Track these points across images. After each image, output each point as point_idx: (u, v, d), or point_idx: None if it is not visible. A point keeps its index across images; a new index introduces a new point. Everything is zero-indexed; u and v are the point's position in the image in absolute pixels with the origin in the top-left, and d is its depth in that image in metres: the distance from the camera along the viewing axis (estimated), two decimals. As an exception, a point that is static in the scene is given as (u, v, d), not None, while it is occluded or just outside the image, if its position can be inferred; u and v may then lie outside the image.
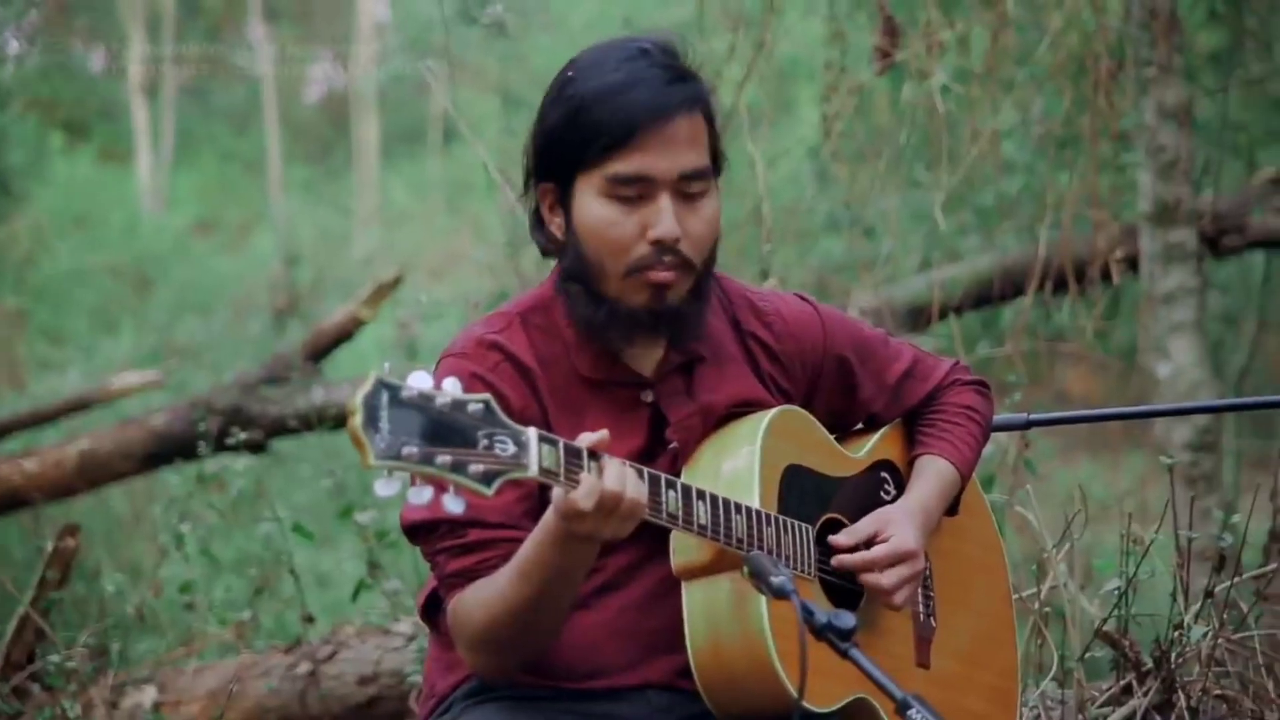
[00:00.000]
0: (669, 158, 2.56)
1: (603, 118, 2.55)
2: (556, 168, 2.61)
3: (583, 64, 2.61)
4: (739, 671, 2.55)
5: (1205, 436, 7.27)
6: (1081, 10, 6.86)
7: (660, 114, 2.55)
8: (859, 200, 8.12)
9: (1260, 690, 3.77)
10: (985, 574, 2.96)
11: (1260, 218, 8.15)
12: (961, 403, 2.91)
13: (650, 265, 2.58)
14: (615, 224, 2.57)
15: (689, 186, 2.59)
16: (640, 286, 2.60)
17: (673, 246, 2.58)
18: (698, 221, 2.60)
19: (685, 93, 2.58)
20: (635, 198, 2.57)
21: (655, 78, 2.57)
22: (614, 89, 2.55)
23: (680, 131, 2.57)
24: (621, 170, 2.56)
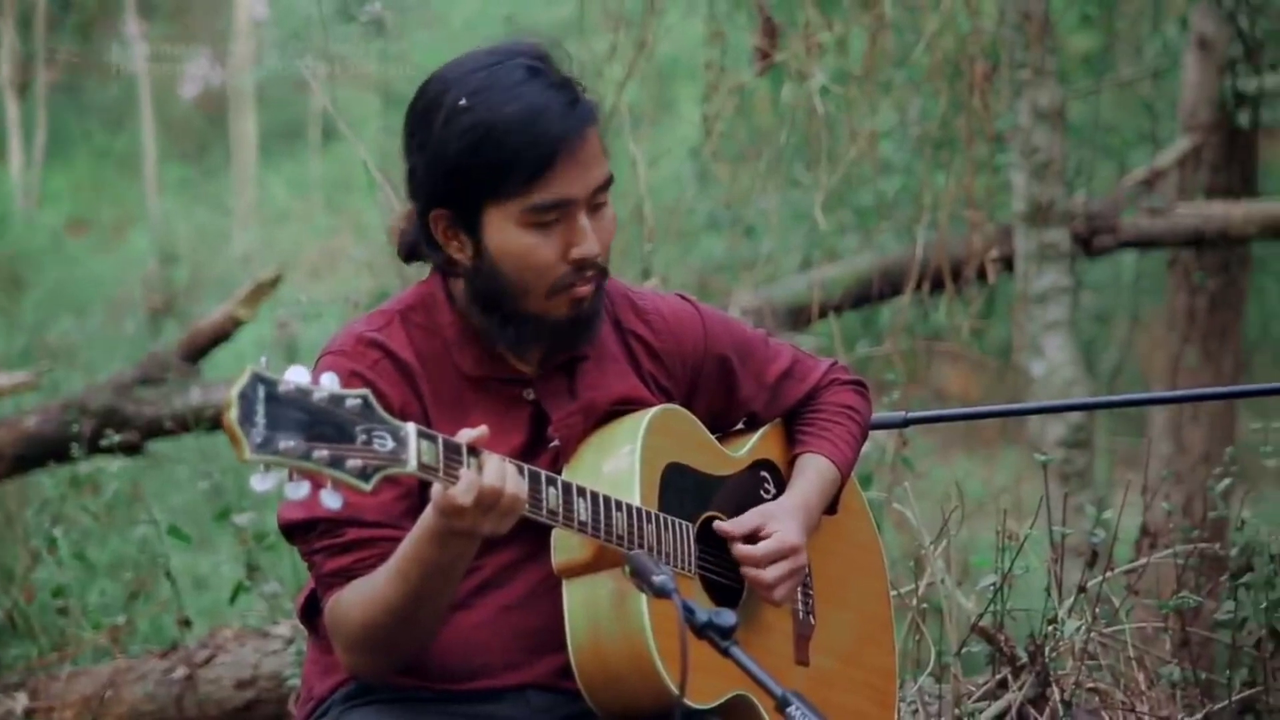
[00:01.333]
0: (584, 178, 2.56)
1: (518, 151, 2.52)
2: (458, 199, 2.58)
3: (472, 89, 2.55)
4: (620, 670, 2.55)
5: (1078, 434, 7.39)
6: (957, 13, 6.94)
7: (573, 138, 2.54)
8: (739, 200, 8.16)
9: (1131, 683, 3.84)
10: (863, 572, 2.99)
11: (1131, 218, 8.29)
12: (840, 402, 2.93)
13: (573, 283, 2.59)
14: (537, 249, 2.57)
15: (599, 198, 2.60)
16: (563, 302, 2.61)
17: (594, 261, 2.59)
18: (606, 228, 2.62)
19: (586, 110, 2.58)
20: (554, 221, 2.57)
21: (557, 101, 2.55)
22: (522, 120, 2.52)
23: (590, 150, 2.57)
24: (543, 200, 2.55)
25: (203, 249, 20.15)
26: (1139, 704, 3.80)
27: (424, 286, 2.69)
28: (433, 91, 2.59)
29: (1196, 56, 8.97)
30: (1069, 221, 7.62)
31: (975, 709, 3.80)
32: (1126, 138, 10.73)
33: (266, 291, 7.72)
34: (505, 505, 2.41)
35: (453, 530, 2.42)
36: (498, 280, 2.59)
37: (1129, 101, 11.11)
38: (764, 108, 8.57)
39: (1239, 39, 8.54)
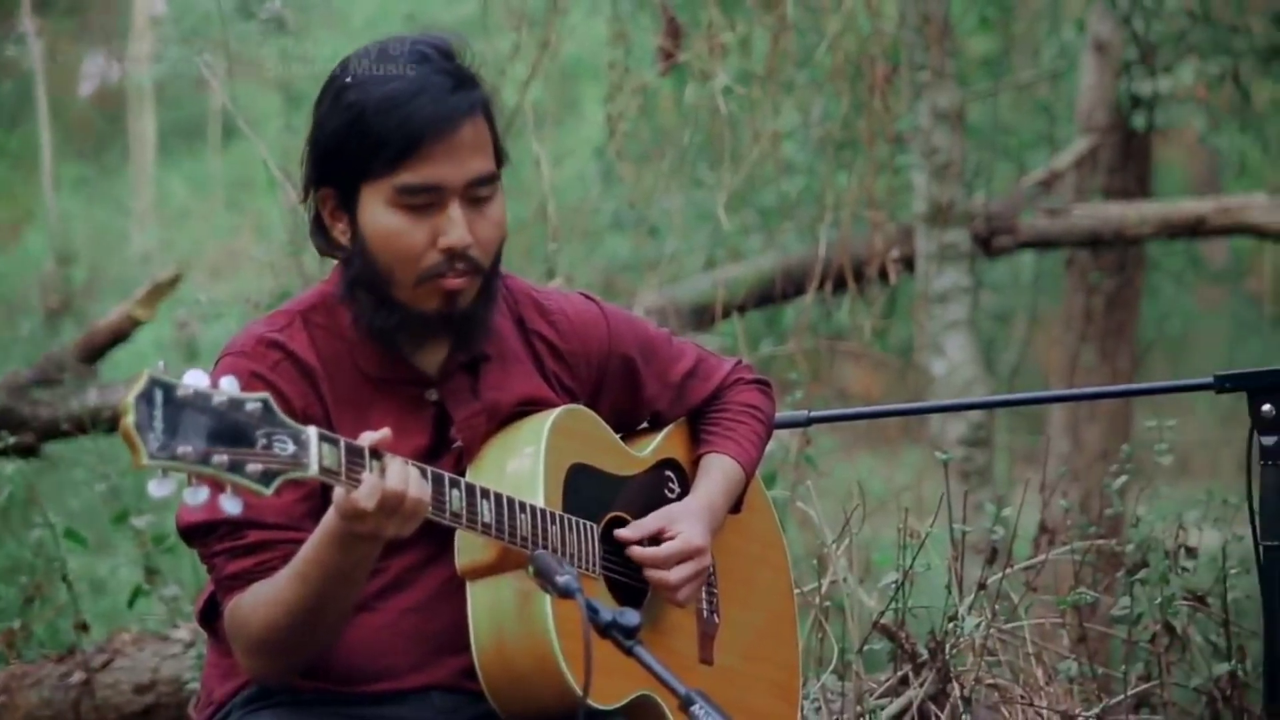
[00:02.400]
0: (457, 166, 2.54)
1: (388, 129, 2.52)
2: (338, 175, 2.58)
3: (360, 69, 2.57)
4: (524, 671, 2.55)
5: (978, 432, 7.46)
6: (858, 15, 6.99)
7: (446, 123, 2.53)
8: (644, 200, 8.17)
9: (1030, 678, 3.89)
10: (767, 570, 3.00)
11: (1030, 219, 8.39)
12: (745, 401, 2.94)
13: (442, 273, 2.57)
14: (405, 233, 2.55)
15: (477, 192, 2.58)
16: (432, 293, 2.58)
17: (464, 254, 2.57)
18: (487, 225, 2.59)
19: (469, 99, 2.56)
20: (424, 206, 2.55)
21: (438, 85, 2.54)
22: (397, 99, 2.53)
23: (466, 139, 2.55)
24: (410, 181, 2.53)
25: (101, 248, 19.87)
26: (1037, 699, 3.85)
27: (325, 286, 2.68)
28: (330, 75, 2.62)
29: (1093, 59, 9.10)
30: (969, 222, 7.69)
31: (877, 706, 3.83)
32: (1025, 139, 10.86)
33: (165, 291, 7.63)
34: (408, 509, 2.40)
35: (355, 534, 2.41)
36: (370, 264, 2.57)
37: (1027, 103, 11.24)
38: (668, 108, 8.59)
39: (1134, 42, 8.66)
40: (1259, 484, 2.85)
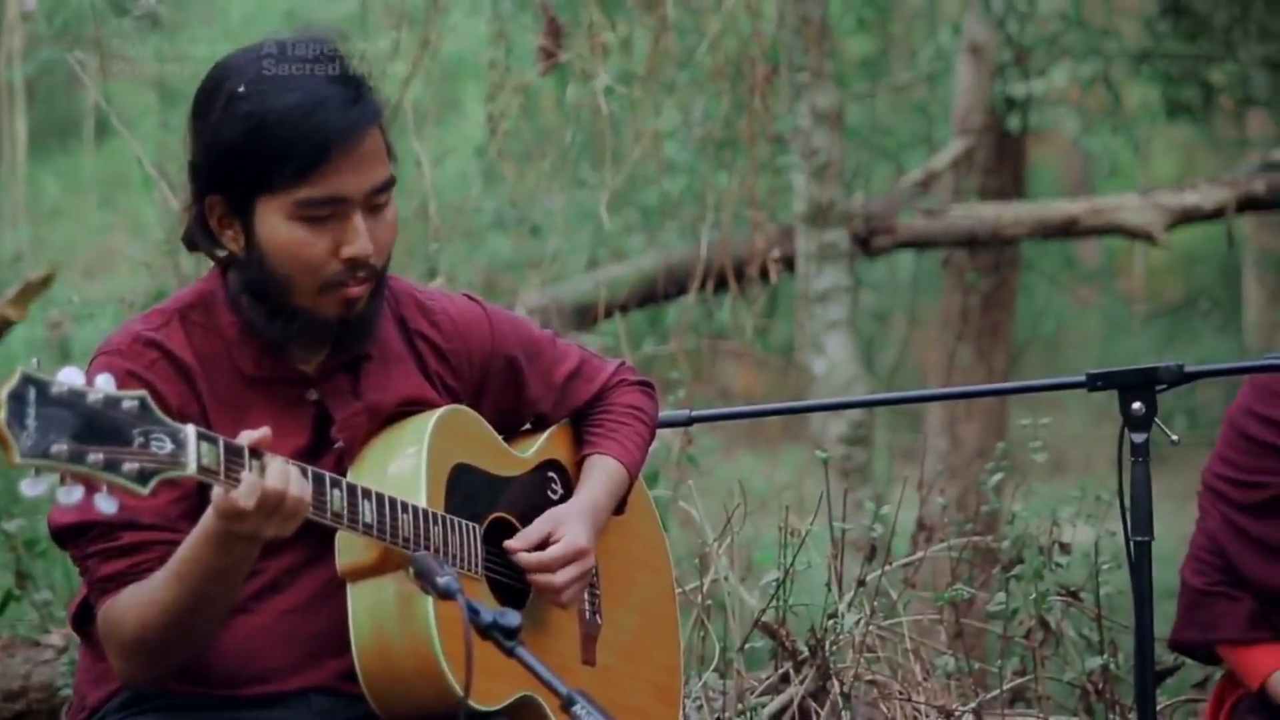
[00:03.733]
0: (360, 176, 2.52)
1: (291, 143, 2.48)
2: (231, 185, 2.53)
3: (252, 77, 2.52)
4: (405, 672, 2.54)
5: (858, 430, 7.54)
6: (738, 15, 7.03)
7: (351, 135, 2.50)
8: (525, 199, 8.16)
9: (908, 674, 3.93)
10: (649, 571, 3.01)
11: (908, 219, 8.48)
12: (628, 403, 2.95)
13: (344, 282, 2.56)
14: (307, 245, 2.53)
15: (377, 199, 2.56)
16: (333, 301, 2.57)
17: (366, 262, 2.55)
18: (384, 230, 2.58)
19: (368, 107, 2.54)
20: (326, 217, 2.53)
21: (338, 95, 2.51)
22: (298, 111, 2.48)
23: (368, 148, 2.53)
24: (314, 195, 2.51)
25: (-30, 247, 19.48)
26: (915, 694, 3.89)
27: (204, 285, 2.64)
28: (215, 77, 2.56)
29: (969, 62, 9.22)
30: (848, 222, 7.77)
31: (758, 704, 3.85)
32: (902, 140, 10.98)
33: (37, 291, 7.48)
34: (289, 508, 2.38)
35: (234, 534, 2.38)
36: (267, 272, 2.55)
37: (905, 105, 11.36)
38: (549, 107, 8.58)
39: (1009, 45, 8.79)
40: (1129, 480, 2.90)
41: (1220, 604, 3.06)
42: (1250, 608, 3.04)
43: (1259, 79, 8.84)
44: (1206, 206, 8.43)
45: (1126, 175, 12.44)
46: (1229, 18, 8.86)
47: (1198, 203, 8.43)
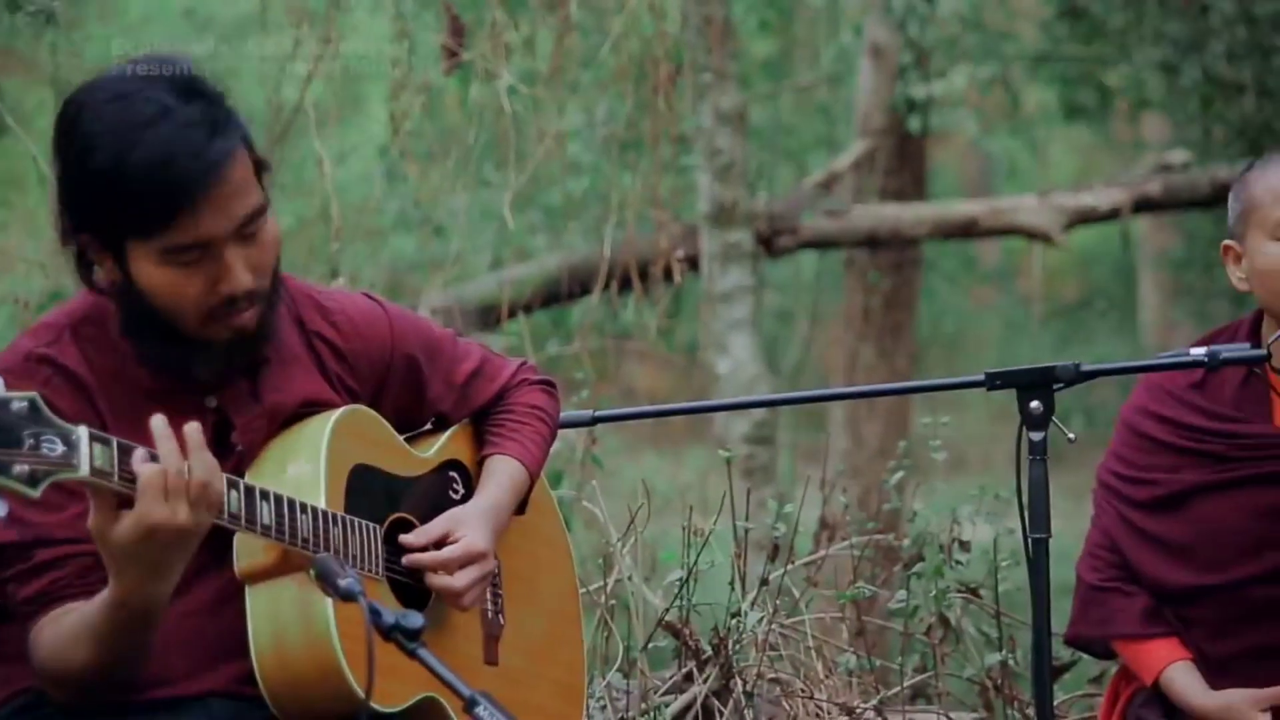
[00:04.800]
0: (226, 216, 2.46)
1: (149, 196, 2.41)
2: (98, 229, 2.48)
3: (107, 120, 2.43)
4: (305, 675, 2.52)
5: (762, 430, 7.58)
6: (641, 16, 7.04)
7: (212, 176, 2.43)
8: (429, 199, 8.13)
9: (811, 672, 3.96)
10: (552, 571, 3.01)
11: (810, 219, 8.54)
12: (529, 402, 2.94)
13: (227, 313, 2.52)
14: (182, 285, 2.48)
15: (249, 228, 2.50)
16: (221, 329, 2.53)
17: (247, 293, 2.51)
18: (262, 253, 2.53)
19: (228, 140, 2.45)
20: (197, 260, 2.48)
21: (196, 137, 2.43)
22: (151, 167, 2.40)
23: (232, 184, 2.46)
24: (180, 241, 2.45)
25: None
26: (818, 692, 3.92)
27: (95, 294, 2.60)
28: (69, 116, 2.47)
29: (870, 64, 9.30)
30: (751, 222, 7.81)
31: (661, 703, 3.86)
32: (805, 141, 11.05)
33: (-71, 292, 7.36)
34: (195, 492, 2.35)
35: (152, 524, 2.34)
36: (148, 306, 2.51)
37: (807, 106, 11.44)
38: (453, 107, 8.54)
39: (909, 47, 8.87)
40: (1027, 478, 2.93)
41: (1115, 600, 3.10)
42: (1144, 603, 3.08)
43: (1154, 82, 8.98)
44: (1102, 207, 8.55)
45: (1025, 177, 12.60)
46: (1124, 21, 9.00)
47: (1094, 204, 8.55)
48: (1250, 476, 3.02)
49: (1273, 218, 2.99)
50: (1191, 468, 3.05)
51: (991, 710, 4.05)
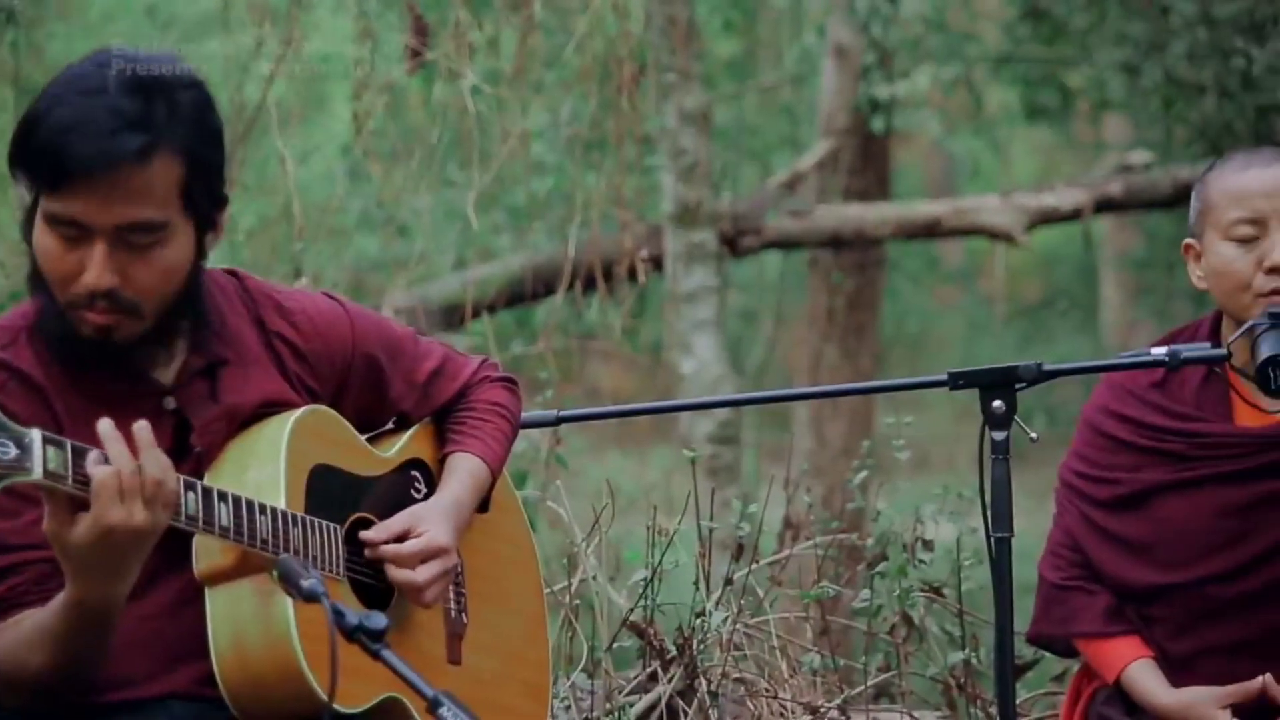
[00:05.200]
0: (104, 210, 2.44)
1: (41, 155, 2.43)
2: (23, 172, 2.49)
3: (59, 82, 2.47)
4: (266, 676, 2.51)
5: (726, 430, 7.59)
6: (605, 16, 7.04)
7: (95, 165, 2.41)
8: (392, 198, 8.11)
9: (775, 671, 3.96)
10: (516, 569, 3.00)
11: (775, 220, 8.55)
12: (491, 400, 2.94)
13: (85, 306, 2.49)
14: (57, 258, 2.47)
15: (132, 238, 2.47)
16: (80, 321, 2.51)
17: (106, 294, 2.47)
18: (146, 271, 2.48)
19: (136, 142, 2.43)
20: (73, 237, 2.46)
21: (103, 123, 2.41)
22: (58, 128, 2.42)
23: (122, 183, 2.43)
24: (56, 211, 2.45)
25: None
26: (782, 692, 3.92)
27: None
28: None
29: (834, 64, 9.32)
30: (716, 222, 7.82)
31: (626, 703, 3.86)
32: (769, 141, 11.07)
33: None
34: (150, 491, 2.33)
35: (107, 526, 2.32)
36: (36, 264, 2.51)
37: (771, 106, 11.46)
38: (416, 106, 8.53)
39: (873, 48, 8.89)
40: (990, 478, 2.94)
41: (1077, 598, 3.11)
42: (1106, 602, 3.09)
43: (1115, 83, 9.02)
44: (1064, 208, 8.59)
45: (988, 177, 12.65)
46: (1086, 22, 9.05)
47: (1056, 204, 8.59)
48: (1210, 476, 3.03)
49: (1227, 219, 3.01)
50: (1152, 467, 3.07)
51: (955, 709, 4.07)
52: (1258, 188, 3.00)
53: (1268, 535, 3.00)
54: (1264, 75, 8.20)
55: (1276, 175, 3.00)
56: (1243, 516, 3.01)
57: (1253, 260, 2.99)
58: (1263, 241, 2.99)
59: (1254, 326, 2.95)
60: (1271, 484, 3.01)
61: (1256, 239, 3.00)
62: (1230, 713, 2.98)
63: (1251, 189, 3.00)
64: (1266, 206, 2.99)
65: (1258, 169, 3.01)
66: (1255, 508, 3.01)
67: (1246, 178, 3.01)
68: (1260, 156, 3.04)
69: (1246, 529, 3.01)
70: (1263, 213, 2.99)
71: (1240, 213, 3.00)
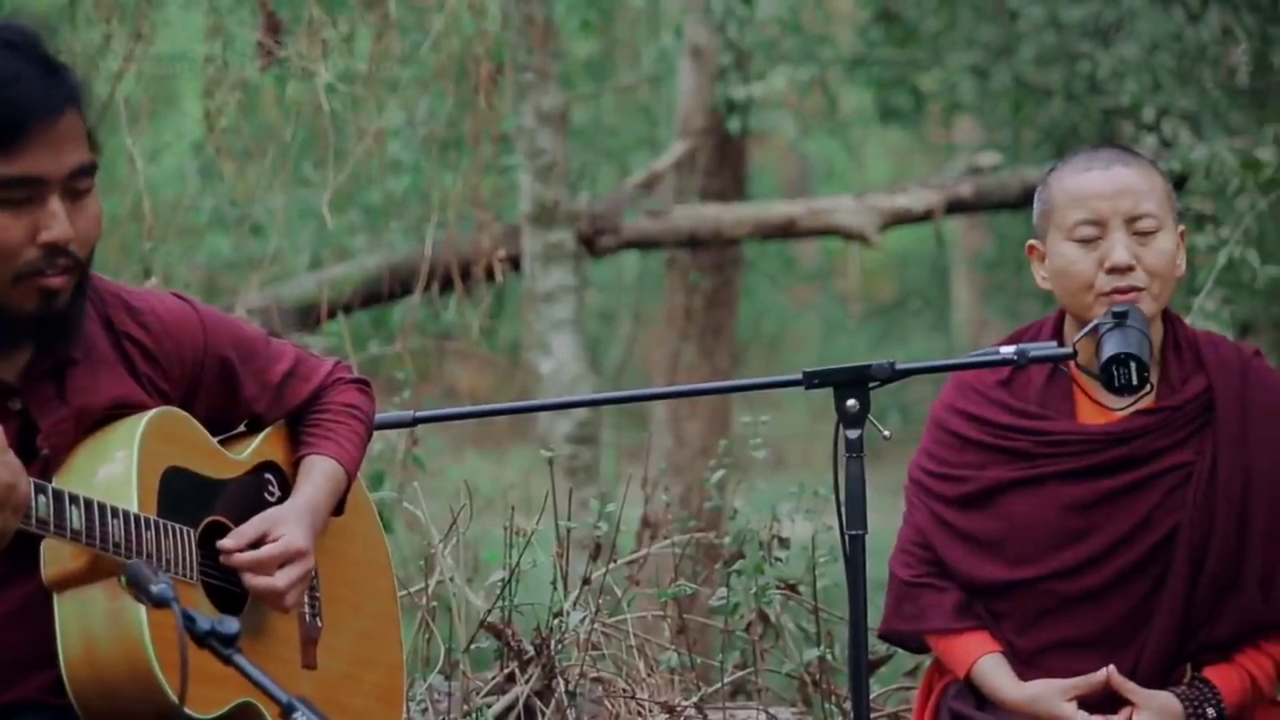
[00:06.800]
0: (58, 157, 2.44)
1: None
2: None
3: None
4: (118, 683, 2.47)
5: (585, 429, 7.59)
6: (461, 14, 7.02)
7: (47, 111, 2.43)
8: (245, 197, 8.00)
9: (632, 670, 3.97)
10: (370, 572, 2.98)
11: (632, 220, 8.58)
12: (344, 401, 2.92)
13: (41, 270, 2.46)
14: (3, 229, 2.44)
15: (77, 184, 2.48)
16: (30, 292, 2.47)
17: (65, 249, 2.47)
18: (86, 220, 2.50)
19: (68, 89, 2.47)
20: (23, 200, 2.44)
21: (34, 73, 2.44)
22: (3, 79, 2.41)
23: (65, 128, 2.45)
24: (9, 173, 2.42)
25: None
26: (640, 691, 3.94)
27: None
28: None
29: (690, 65, 9.37)
30: (573, 222, 7.82)
31: (484, 705, 3.85)
32: (626, 141, 11.10)
33: None
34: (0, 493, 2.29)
35: None
36: None
37: (629, 106, 11.49)
38: (270, 104, 8.42)
39: (729, 49, 8.95)
40: (844, 476, 2.97)
41: (927, 595, 3.16)
42: (956, 598, 3.14)
43: (966, 85, 9.17)
44: (916, 209, 8.71)
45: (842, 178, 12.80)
46: (937, 26, 9.19)
47: (908, 205, 8.70)
48: (1055, 473, 3.09)
49: (1068, 220, 3.07)
50: (999, 464, 3.12)
51: (810, 705, 4.11)
52: (1097, 189, 3.06)
53: (1109, 531, 3.07)
54: (1109, 79, 8.38)
55: (1116, 176, 3.06)
56: (1086, 513, 3.08)
57: (1094, 260, 3.06)
58: (1103, 242, 3.06)
59: (1098, 326, 3.01)
60: (1113, 480, 3.07)
61: (1098, 239, 3.06)
62: (1076, 705, 3.04)
63: (1092, 190, 3.06)
64: (1106, 208, 3.05)
65: (1098, 170, 3.07)
66: (1098, 504, 3.08)
67: (1087, 179, 3.07)
68: (1100, 157, 3.10)
69: (1089, 525, 3.08)
70: (1102, 214, 3.05)
71: (1081, 214, 3.06)
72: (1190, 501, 3.05)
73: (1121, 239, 3.04)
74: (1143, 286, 3.04)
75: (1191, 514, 3.05)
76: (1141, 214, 3.05)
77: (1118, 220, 3.05)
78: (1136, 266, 3.04)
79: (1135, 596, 3.06)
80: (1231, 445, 3.06)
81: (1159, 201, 3.07)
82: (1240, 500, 3.05)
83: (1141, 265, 3.04)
